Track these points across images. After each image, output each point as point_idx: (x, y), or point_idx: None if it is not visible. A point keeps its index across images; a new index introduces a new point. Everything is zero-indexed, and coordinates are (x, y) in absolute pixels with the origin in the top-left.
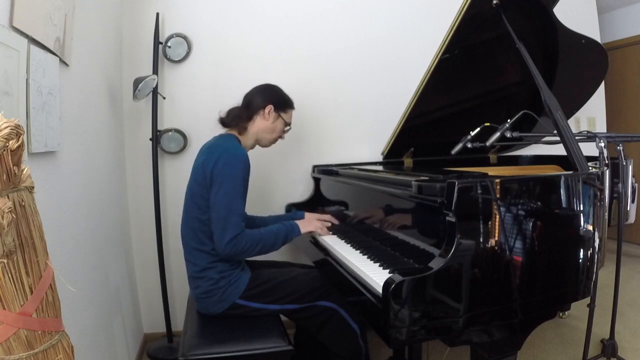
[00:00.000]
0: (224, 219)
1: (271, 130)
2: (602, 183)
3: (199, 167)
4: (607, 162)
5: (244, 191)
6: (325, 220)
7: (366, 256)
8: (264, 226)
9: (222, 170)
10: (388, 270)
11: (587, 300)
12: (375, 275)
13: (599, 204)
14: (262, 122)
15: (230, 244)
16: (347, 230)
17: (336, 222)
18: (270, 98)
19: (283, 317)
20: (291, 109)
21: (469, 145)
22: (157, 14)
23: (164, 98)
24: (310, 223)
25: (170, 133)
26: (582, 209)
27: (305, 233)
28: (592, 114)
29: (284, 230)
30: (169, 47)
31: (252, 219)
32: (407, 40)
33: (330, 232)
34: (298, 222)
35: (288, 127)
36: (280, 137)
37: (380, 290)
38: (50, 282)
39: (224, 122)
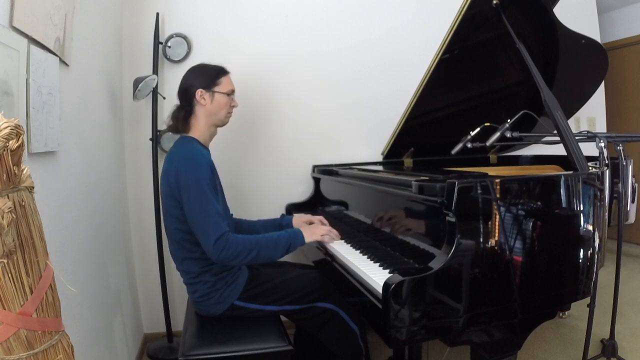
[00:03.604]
0: (202, 223)
1: (217, 110)
2: (602, 183)
3: (164, 177)
4: (607, 162)
5: (215, 191)
6: (312, 222)
7: (366, 256)
8: (252, 230)
9: (185, 177)
10: (388, 271)
11: (587, 300)
12: (375, 275)
13: (599, 204)
14: (203, 109)
15: (219, 246)
16: (347, 230)
17: (326, 223)
18: (195, 82)
19: (283, 317)
20: (223, 77)
21: (469, 145)
22: (157, 14)
23: (164, 98)
24: (314, 232)
25: (170, 133)
26: (582, 209)
27: (310, 242)
28: (592, 114)
29: (285, 238)
30: (169, 47)
31: (238, 223)
32: (407, 40)
33: (339, 238)
34: (302, 230)
35: (232, 94)
36: (233, 106)
37: (380, 290)
38: (50, 282)
39: (173, 129)
